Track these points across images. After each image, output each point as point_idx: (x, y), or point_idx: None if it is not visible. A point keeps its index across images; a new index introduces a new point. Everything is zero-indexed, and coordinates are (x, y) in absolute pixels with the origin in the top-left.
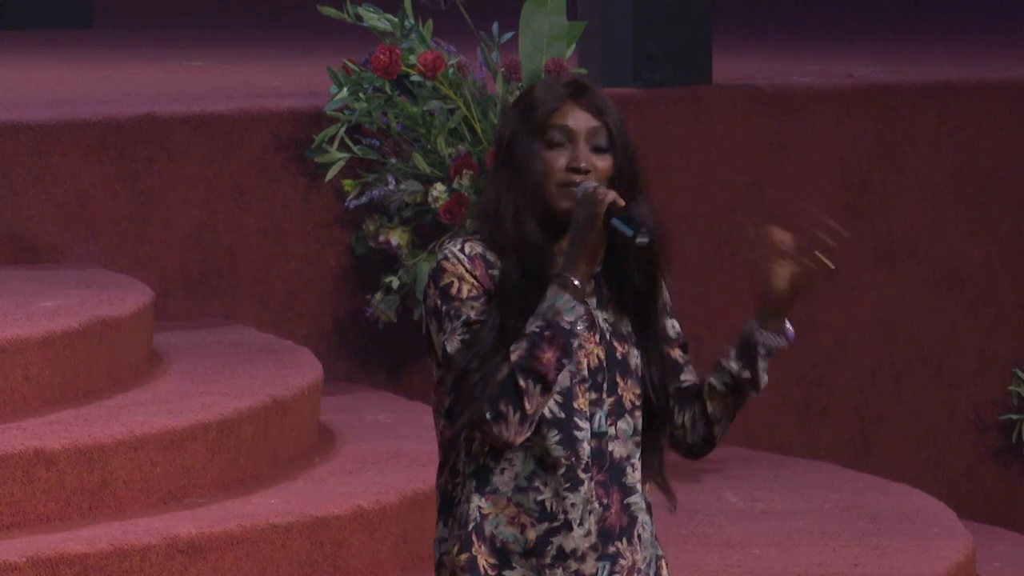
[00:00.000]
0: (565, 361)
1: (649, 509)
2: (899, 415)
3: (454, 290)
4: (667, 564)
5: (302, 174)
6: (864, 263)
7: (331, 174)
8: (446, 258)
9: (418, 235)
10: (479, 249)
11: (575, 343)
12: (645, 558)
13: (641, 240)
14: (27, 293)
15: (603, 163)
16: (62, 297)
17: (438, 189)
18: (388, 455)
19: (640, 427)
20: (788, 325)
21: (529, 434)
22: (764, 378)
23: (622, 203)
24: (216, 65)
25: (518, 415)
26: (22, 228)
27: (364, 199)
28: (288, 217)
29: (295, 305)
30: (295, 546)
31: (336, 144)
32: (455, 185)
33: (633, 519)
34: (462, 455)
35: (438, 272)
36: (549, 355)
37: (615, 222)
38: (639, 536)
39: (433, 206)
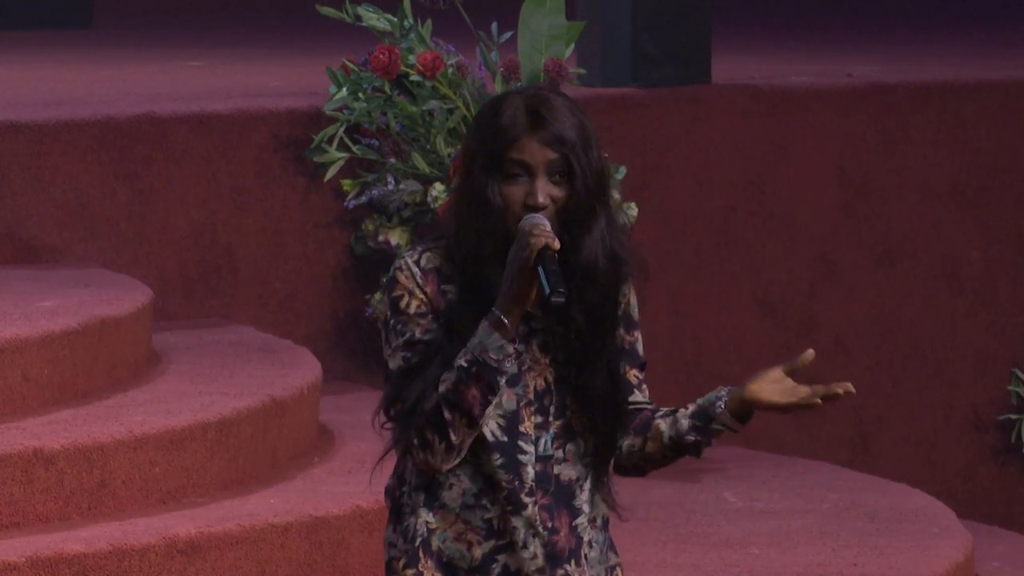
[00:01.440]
0: (490, 398)
1: (605, 525)
2: (898, 415)
3: (403, 304)
4: (622, 570)
5: (301, 174)
6: (863, 263)
7: (330, 174)
8: (400, 268)
9: (417, 235)
10: (436, 262)
11: (502, 380)
12: (597, 574)
13: (556, 300)
14: (26, 293)
15: (559, 194)
16: (61, 297)
17: (437, 189)
18: (387, 455)
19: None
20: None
21: (458, 461)
22: (704, 449)
23: (556, 246)
24: (215, 65)
25: (443, 445)
26: (21, 228)
27: (363, 199)
28: (287, 217)
29: (294, 305)
30: (294, 546)
31: (335, 144)
32: (454, 185)
33: (580, 540)
34: (409, 465)
35: (392, 282)
36: (474, 391)
37: (540, 270)
38: (585, 556)
39: (432, 206)
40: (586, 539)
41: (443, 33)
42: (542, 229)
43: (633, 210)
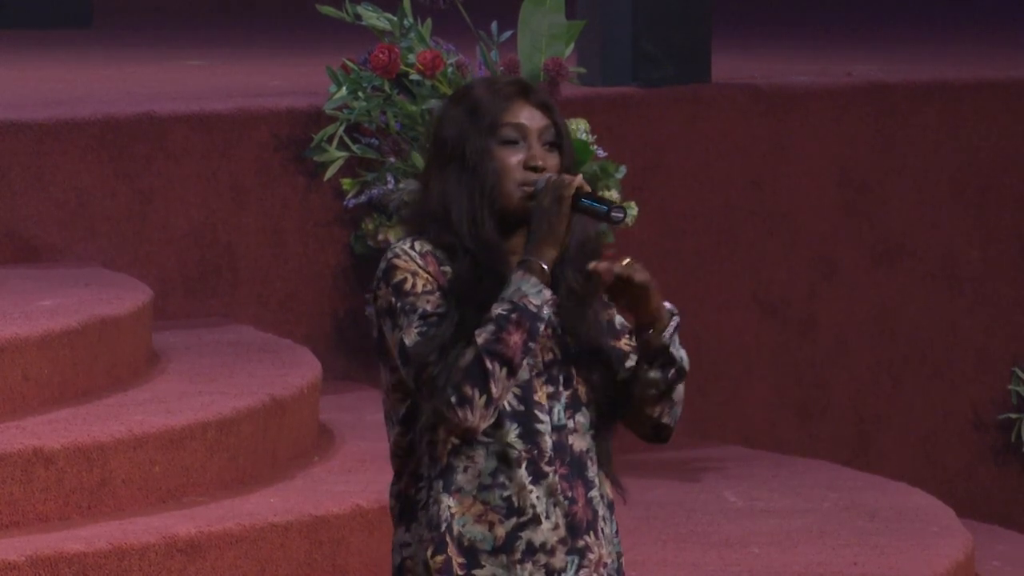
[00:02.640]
0: (531, 344)
1: (610, 506)
2: (898, 414)
3: (408, 286)
4: (623, 563)
5: (301, 173)
6: (863, 262)
7: (330, 173)
8: (397, 256)
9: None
10: (428, 247)
11: (541, 327)
12: (610, 553)
13: (615, 215)
14: (26, 292)
15: (553, 160)
16: (61, 296)
17: None
18: (387, 454)
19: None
20: (665, 315)
21: (492, 420)
22: (681, 353)
23: (587, 187)
24: (215, 64)
25: (484, 398)
26: (21, 227)
27: (363, 198)
28: (287, 216)
29: (294, 304)
30: (294, 545)
31: (335, 143)
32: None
33: (596, 513)
34: (424, 459)
35: (389, 270)
36: (516, 338)
37: (585, 202)
38: (602, 530)
39: None
40: (600, 513)
41: (443, 32)
42: (569, 175)
43: (633, 209)
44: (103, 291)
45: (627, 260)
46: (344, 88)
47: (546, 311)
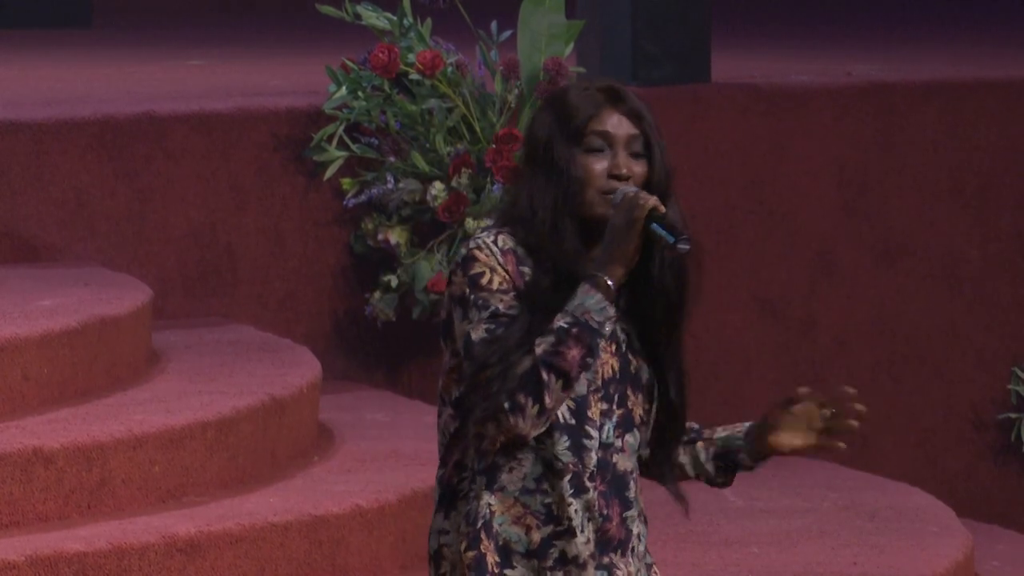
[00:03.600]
0: (589, 360)
1: (644, 520)
2: (898, 414)
3: (484, 280)
4: (656, 569)
5: (301, 173)
6: (863, 262)
7: (330, 173)
8: (479, 247)
9: (417, 234)
10: (511, 244)
11: (601, 343)
12: (638, 570)
13: (682, 247)
14: (25, 292)
15: (640, 169)
16: (60, 296)
17: (437, 188)
18: (387, 454)
19: (644, 442)
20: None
21: (543, 430)
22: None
23: (662, 209)
24: (215, 64)
25: (536, 408)
26: (21, 227)
27: (363, 197)
28: (287, 216)
29: (294, 304)
30: (294, 545)
31: (335, 143)
32: (454, 184)
33: (630, 533)
34: (471, 451)
35: (469, 260)
36: (575, 352)
37: (655, 227)
38: (633, 549)
39: (432, 205)
40: (635, 532)
41: (442, 32)
42: (645, 194)
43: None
44: (103, 291)
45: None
46: (344, 88)
47: (607, 328)
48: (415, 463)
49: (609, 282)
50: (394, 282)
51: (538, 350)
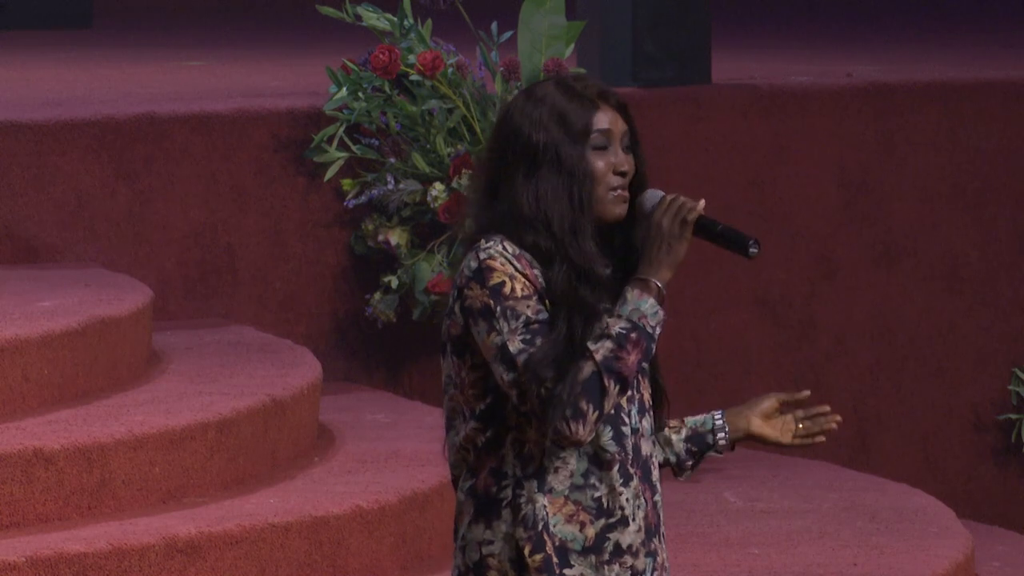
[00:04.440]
0: (645, 365)
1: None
2: (898, 414)
3: (507, 289)
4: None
5: (301, 174)
6: (863, 263)
7: (330, 173)
8: (492, 257)
9: (417, 235)
10: (517, 249)
11: (654, 348)
12: (666, 557)
13: (753, 251)
14: (26, 293)
15: (631, 163)
16: (61, 297)
17: (437, 188)
18: (387, 455)
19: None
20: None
21: (594, 435)
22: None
23: (702, 210)
24: (215, 65)
25: (596, 414)
26: (21, 228)
27: (363, 198)
28: (287, 217)
29: (294, 305)
30: (294, 546)
31: (335, 144)
32: (454, 184)
33: (659, 517)
34: (509, 457)
35: (485, 271)
36: (633, 357)
37: (719, 233)
38: (663, 534)
39: (432, 205)
40: (662, 517)
41: (443, 33)
42: (689, 200)
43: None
44: (103, 292)
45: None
46: (344, 89)
47: (659, 332)
48: (415, 464)
49: (660, 286)
50: (394, 283)
51: (597, 356)
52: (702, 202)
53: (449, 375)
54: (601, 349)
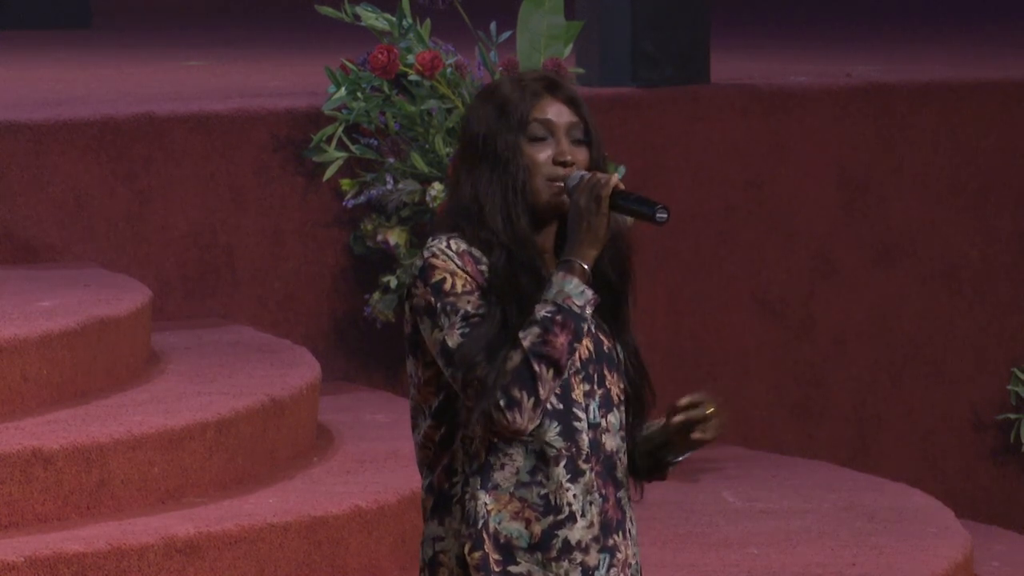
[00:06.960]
0: (576, 345)
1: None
2: (897, 414)
3: (447, 286)
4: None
5: (300, 173)
6: (862, 263)
7: (329, 173)
8: (434, 255)
9: (416, 234)
10: (464, 246)
11: (584, 327)
12: (634, 554)
13: (661, 216)
14: (25, 293)
15: (582, 156)
16: (60, 297)
17: (436, 188)
18: (386, 455)
19: (625, 422)
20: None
21: (538, 422)
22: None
23: (622, 186)
24: (214, 65)
25: (532, 400)
26: (20, 228)
27: (362, 198)
28: (286, 216)
29: (293, 305)
30: (293, 546)
31: (334, 143)
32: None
33: (624, 513)
34: (460, 454)
35: (427, 269)
36: (562, 339)
37: (630, 204)
38: (629, 531)
39: (431, 205)
40: (628, 514)
41: (442, 33)
42: (603, 175)
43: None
44: (102, 292)
45: (711, 409)
46: (343, 88)
47: (588, 311)
48: (414, 464)
49: (584, 265)
50: (393, 283)
51: (525, 342)
52: (615, 176)
53: (410, 374)
54: (529, 336)
